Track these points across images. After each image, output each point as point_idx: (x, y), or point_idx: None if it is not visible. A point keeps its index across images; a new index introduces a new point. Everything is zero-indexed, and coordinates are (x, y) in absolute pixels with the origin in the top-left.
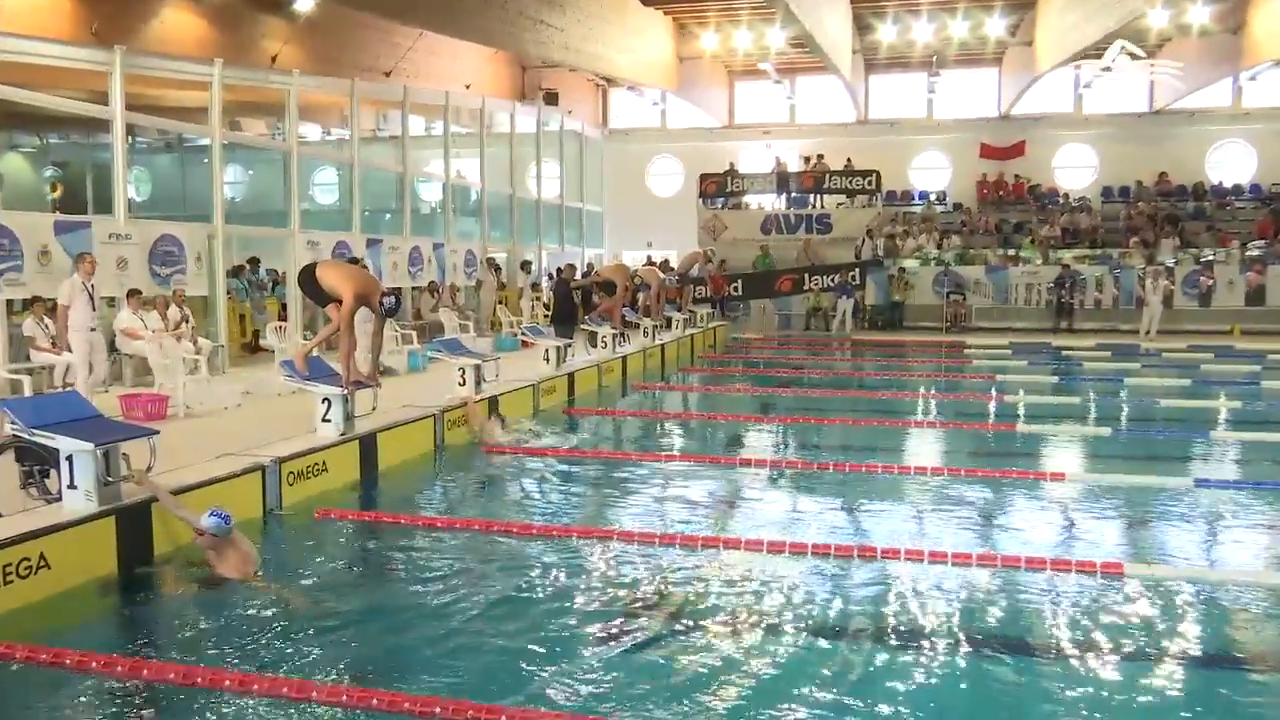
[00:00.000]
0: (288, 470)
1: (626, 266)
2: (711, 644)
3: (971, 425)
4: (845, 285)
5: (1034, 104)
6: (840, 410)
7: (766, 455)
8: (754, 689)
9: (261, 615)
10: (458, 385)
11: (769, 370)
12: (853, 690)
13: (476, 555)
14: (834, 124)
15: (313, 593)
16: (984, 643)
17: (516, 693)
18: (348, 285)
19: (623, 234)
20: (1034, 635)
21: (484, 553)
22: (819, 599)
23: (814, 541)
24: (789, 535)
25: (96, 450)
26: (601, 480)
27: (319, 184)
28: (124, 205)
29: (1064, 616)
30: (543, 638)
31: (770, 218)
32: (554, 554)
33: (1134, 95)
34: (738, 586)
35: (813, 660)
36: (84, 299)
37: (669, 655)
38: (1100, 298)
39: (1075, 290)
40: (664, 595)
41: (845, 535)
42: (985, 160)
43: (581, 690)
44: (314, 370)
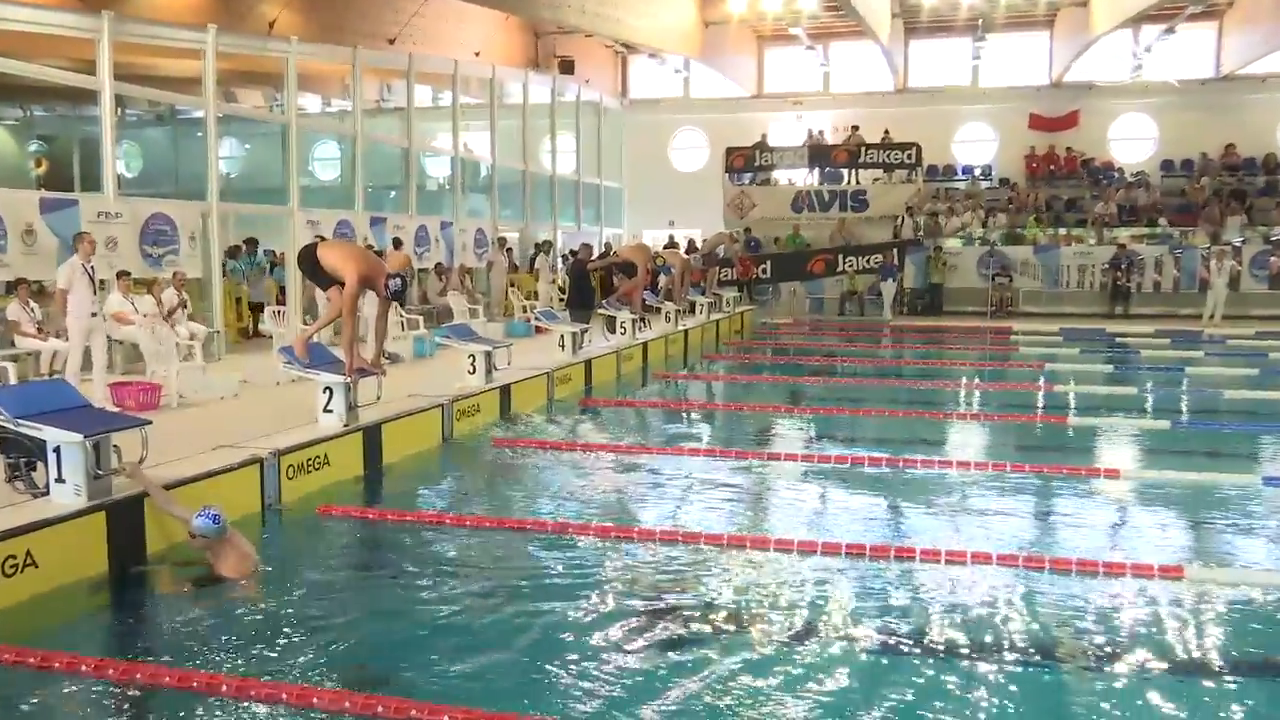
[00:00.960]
0: (287, 464)
1: (647, 247)
2: (736, 650)
3: (1018, 418)
4: (889, 267)
5: (1089, 70)
6: (876, 401)
7: (797, 449)
8: (780, 699)
9: (261, 617)
10: (467, 373)
11: (800, 358)
12: (885, 702)
13: (488, 555)
14: (871, 93)
15: (314, 594)
16: (1030, 652)
17: (530, 701)
18: (351, 266)
19: (643, 212)
20: (1084, 644)
21: (495, 552)
22: (852, 603)
23: (848, 541)
24: (821, 534)
25: (85, 441)
26: (620, 475)
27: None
28: (113, 182)
29: (1118, 624)
30: (558, 642)
31: (802, 194)
32: (570, 554)
33: (1199, 59)
34: (765, 589)
35: (845, 670)
36: (85, 282)
37: (691, 662)
38: (1159, 280)
39: (1132, 272)
40: (686, 598)
41: (881, 535)
42: (1035, 132)
43: (598, 698)
44: (315, 357)
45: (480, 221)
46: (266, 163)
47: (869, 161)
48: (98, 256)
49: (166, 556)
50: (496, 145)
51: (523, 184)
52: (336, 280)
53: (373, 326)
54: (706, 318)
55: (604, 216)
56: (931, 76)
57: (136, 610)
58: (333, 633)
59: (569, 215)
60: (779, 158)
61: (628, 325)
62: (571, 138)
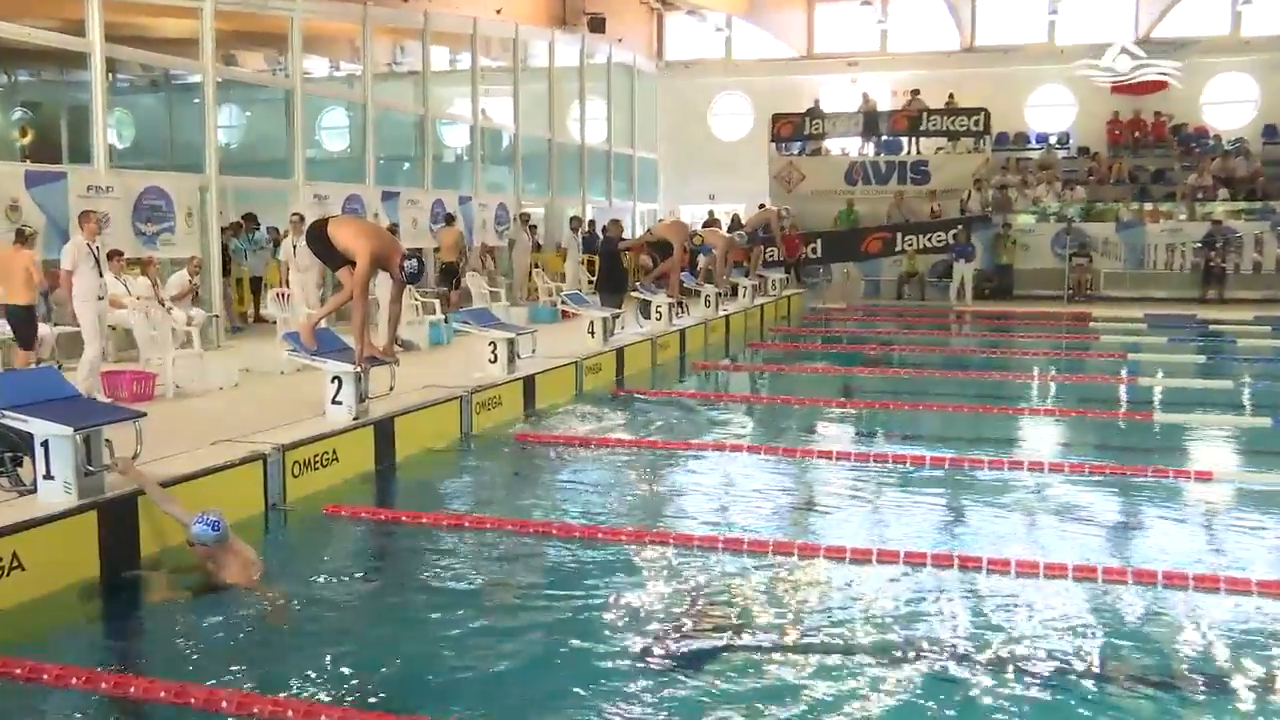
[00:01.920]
0: (292, 460)
1: (685, 224)
2: (781, 668)
3: (1097, 413)
4: (963, 246)
5: (1180, 25)
6: (939, 395)
7: (850, 447)
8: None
9: (264, 627)
10: (488, 362)
11: (853, 346)
12: None
13: (510, 560)
14: (934, 53)
15: (321, 602)
16: (1112, 672)
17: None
18: (363, 245)
19: (681, 186)
20: (1174, 666)
21: (518, 557)
22: (912, 618)
23: (906, 549)
24: (876, 541)
25: (76, 435)
26: (655, 475)
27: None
28: (104, 153)
29: (1210, 643)
30: (588, 659)
31: (856, 166)
32: (599, 560)
33: None
34: (814, 601)
35: (898, 692)
36: (91, 264)
37: (730, 679)
38: (1259, 260)
39: (1228, 251)
40: (727, 609)
41: (943, 542)
42: (1118, 95)
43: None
44: (322, 344)
45: (502, 196)
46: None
47: (931, 129)
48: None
49: (162, 560)
50: (520, 112)
51: (548, 155)
52: (348, 260)
53: (385, 311)
54: (750, 302)
55: (637, 190)
56: (1002, 34)
57: (130, 618)
58: (341, 645)
59: (599, 189)
60: (831, 125)
61: (663, 310)
62: (602, 103)
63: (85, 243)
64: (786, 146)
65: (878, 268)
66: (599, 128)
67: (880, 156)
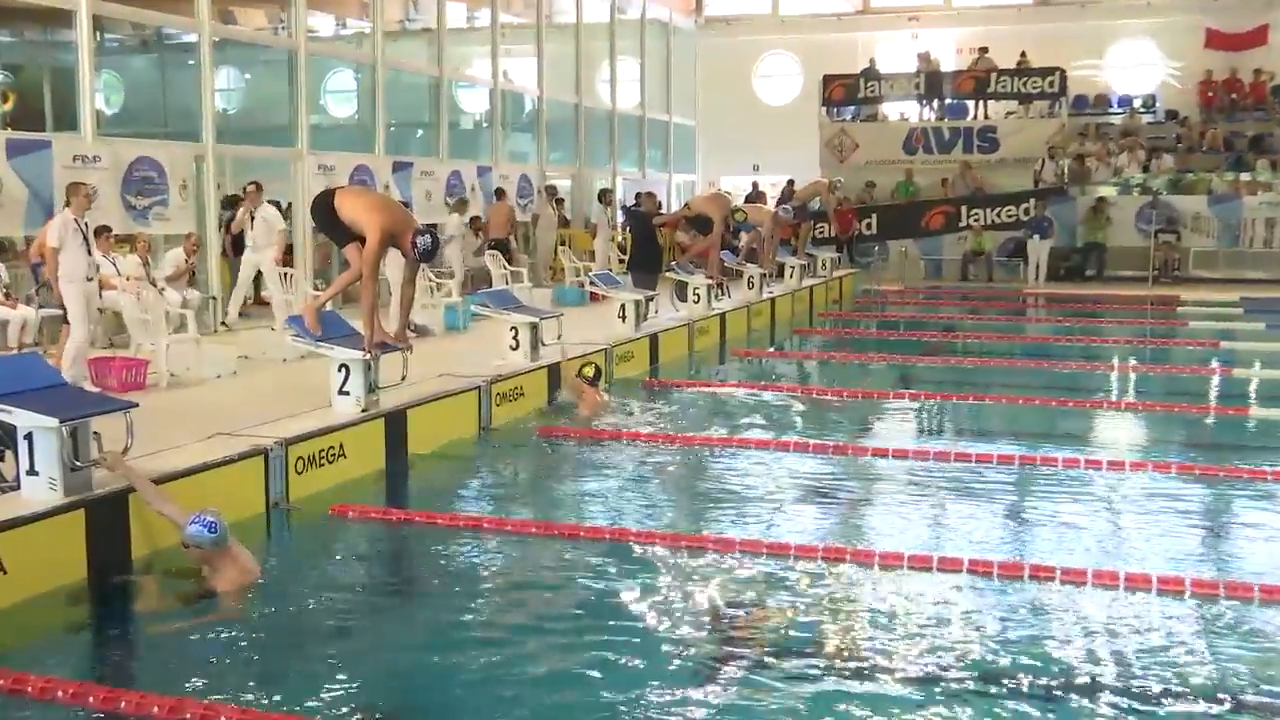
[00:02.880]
0: (296, 455)
1: (726, 197)
2: (828, 687)
3: (1186, 408)
4: (1040, 221)
5: None
6: (1008, 386)
7: (907, 444)
8: None
9: (265, 638)
10: (509, 349)
11: (912, 333)
12: None
13: (533, 567)
14: (1004, 6)
15: (327, 611)
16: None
17: None
18: (373, 219)
19: (721, 155)
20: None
21: (542, 564)
22: (977, 633)
23: (971, 557)
24: (937, 547)
25: (62, 427)
26: (691, 473)
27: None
28: (91, 120)
29: None
30: (615, 670)
31: (916, 132)
32: (632, 566)
33: None
34: (868, 613)
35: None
36: (79, 241)
37: (773, 698)
38: None
39: None
40: (770, 621)
41: (1012, 549)
42: (1212, 51)
43: None
44: (328, 329)
45: (525, 167)
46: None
47: (1000, 91)
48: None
49: (154, 563)
50: (544, 74)
51: (576, 121)
52: (356, 236)
53: (397, 293)
54: (798, 284)
55: (673, 160)
56: None
57: (120, 627)
58: (348, 657)
59: (631, 159)
60: (888, 88)
61: (702, 292)
62: (635, 64)
63: (73, 218)
64: (839, 111)
65: (939, 246)
66: (631, 91)
67: (943, 122)
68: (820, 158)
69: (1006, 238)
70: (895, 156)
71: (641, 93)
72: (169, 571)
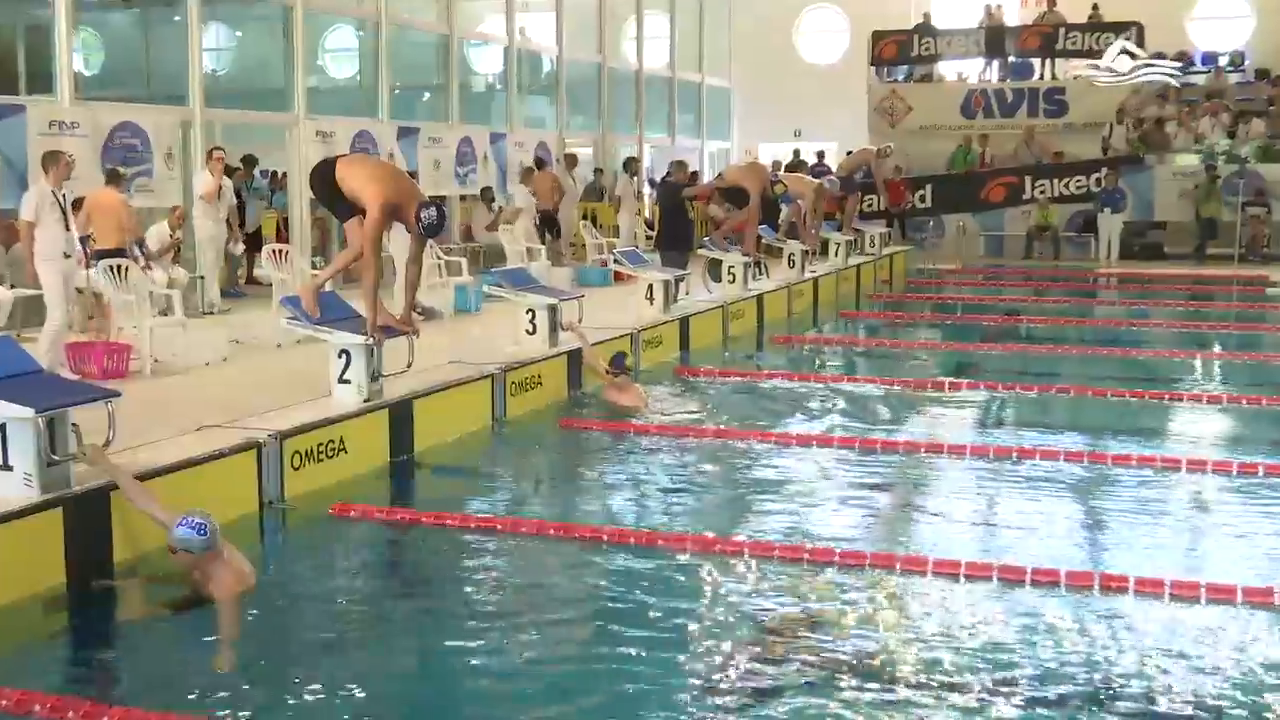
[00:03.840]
0: (292, 449)
1: (764, 167)
2: (880, 710)
3: (1276, 401)
4: (1112, 194)
5: None
6: (1076, 376)
7: (965, 439)
8: None
9: (258, 650)
10: (525, 334)
11: (970, 316)
12: None
13: (551, 572)
14: None
15: (326, 620)
16: None
17: None
18: (373, 189)
19: (759, 120)
20: None
21: (561, 569)
22: (1043, 649)
23: (1034, 565)
24: (997, 554)
25: (38, 418)
26: (726, 471)
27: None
28: (69, 83)
29: None
30: (642, 686)
31: (975, 94)
32: (659, 572)
33: None
34: (921, 627)
35: None
36: (57, 215)
37: None
38: None
39: None
40: (812, 635)
41: (1080, 557)
42: None
43: None
44: (327, 311)
45: (542, 133)
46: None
47: (1069, 49)
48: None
49: (138, 567)
50: (564, 31)
51: (599, 82)
52: (359, 209)
53: (401, 272)
54: (844, 262)
55: (706, 126)
56: None
57: (101, 636)
58: (349, 673)
59: (659, 124)
60: (945, 45)
61: (737, 271)
62: (664, 20)
63: (50, 190)
64: (890, 72)
65: (1001, 221)
66: (660, 49)
67: (1006, 83)
68: (869, 123)
69: (1075, 211)
70: (952, 121)
71: (671, 51)
72: (155, 577)
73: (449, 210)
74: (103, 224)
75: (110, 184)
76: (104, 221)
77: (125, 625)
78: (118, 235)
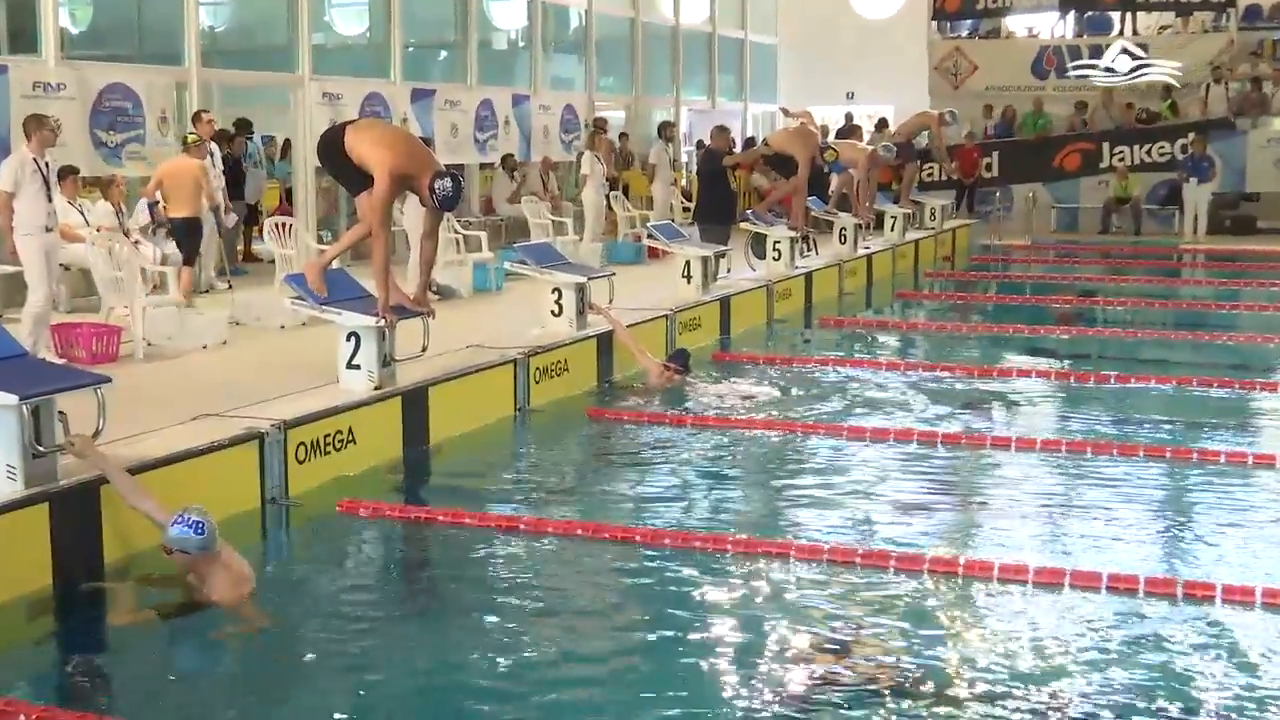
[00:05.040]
0: (297, 440)
1: (813, 133)
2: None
3: None
4: (1199, 162)
5: None
6: (1157, 363)
7: (1034, 431)
8: None
9: (260, 659)
10: (551, 315)
11: (1040, 297)
12: None
13: (578, 576)
14: None
15: (333, 626)
16: None
17: None
18: (382, 157)
19: (808, 81)
20: None
21: (590, 573)
22: (1121, 662)
23: (1110, 571)
24: (1069, 559)
25: (23, 405)
26: (771, 466)
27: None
28: (54, 41)
29: None
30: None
31: (1048, 52)
32: (697, 576)
33: None
34: (987, 638)
35: None
36: (38, 185)
37: None
38: None
39: None
40: (866, 646)
41: (1162, 562)
42: None
43: None
44: (335, 290)
45: (570, 95)
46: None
47: (1152, 1)
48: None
49: (130, 568)
50: None
51: (631, 40)
52: (370, 180)
53: (416, 248)
54: (900, 237)
55: (749, 87)
56: None
57: (90, 643)
58: (357, 684)
59: (698, 85)
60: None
61: (783, 247)
62: None
63: (32, 157)
64: (953, 27)
65: (1075, 192)
66: (699, 3)
67: (1082, 39)
68: (929, 83)
69: (1158, 181)
70: (1022, 82)
71: (711, 5)
72: (147, 579)
73: (467, 180)
74: (177, 191)
75: (186, 151)
76: (179, 189)
77: (115, 632)
78: (193, 203)
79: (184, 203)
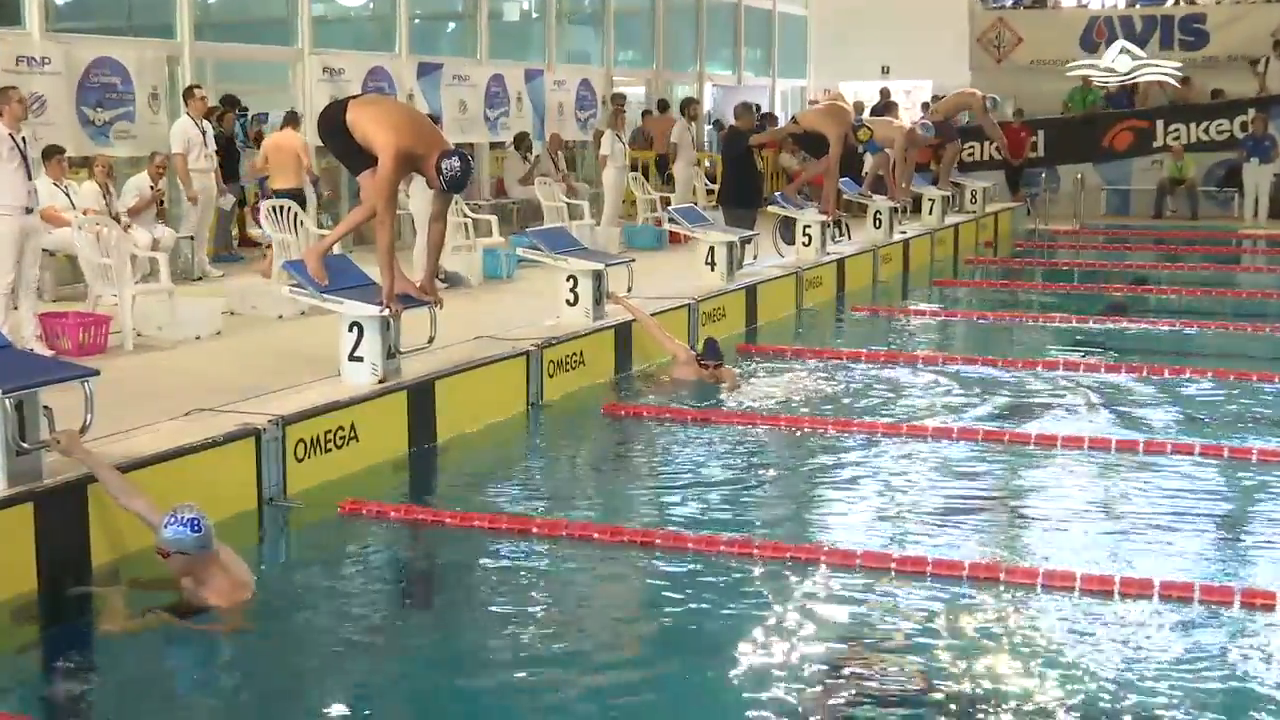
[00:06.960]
0: (296, 437)
1: (846, 109)
2: None
3: None
4: (1261, 141)
5: None
6: (1216, 356)
7: (1082, 429)
8: None
9: (257, 669)
10: (565, 304)
11: (1088, 285)
12: None
13: (594, 582)
14: None
15: (334, 633)
16: None
17: None
18: (386, 136)
19: (841, 54)
20: None
21: (606, 578)
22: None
23: (1164, 579)
24: (1120, 565)
25: (6, 399)
26: (799, 465)
27: None
28: (39, 12)
29: None
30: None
31: (1098, 23)
32: (720, 583)
33: None
34: (1029, 650)
35: None
36: (16, 163)
37: None
38: None
39: None
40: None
41: (1219, 570)
42: None
43: None
44: (336, 278)
45: (586, 70)
46: None
47: None
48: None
49: (120, 571)
50: None
51: (652, 11)
52: (374, 160)
53: (422, 233)
54: (939, 221)
55: (778, 61)
56: None
57: (77, 650)
58: (361, 694)
59: (723, 59)
60: None
61: (814, 232)
62: None
63: (7, 133)
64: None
65: (1127, 173)
66: None
67: (1135, 9)
68: (971, 58)
69: (1216, 162)
70: (1070, 55)
71: None
72: (138, 582)
73: (477, 161)
74: (280, 165)
75: (288, 125)
76: (282, 162)
77: (104, 639)
78: (295, 176)
79: (287, 175)
